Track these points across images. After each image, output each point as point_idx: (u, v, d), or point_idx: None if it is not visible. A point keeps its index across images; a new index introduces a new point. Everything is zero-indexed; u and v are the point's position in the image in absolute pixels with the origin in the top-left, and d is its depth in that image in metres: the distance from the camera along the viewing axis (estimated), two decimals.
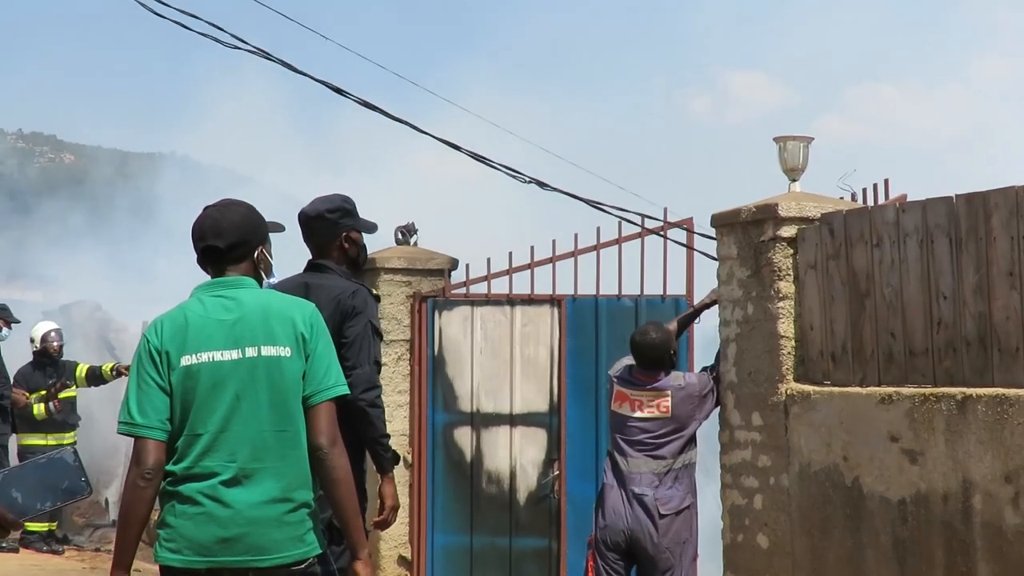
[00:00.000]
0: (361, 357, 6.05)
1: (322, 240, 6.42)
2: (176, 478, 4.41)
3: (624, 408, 8.16)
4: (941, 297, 6.76)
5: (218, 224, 4.61)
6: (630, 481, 8.04)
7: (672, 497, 8.04)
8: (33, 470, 4.02)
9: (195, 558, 4.39)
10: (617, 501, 8.06)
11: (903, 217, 7.02)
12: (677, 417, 8.10)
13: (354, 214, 6.50)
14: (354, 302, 6.10)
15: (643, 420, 8.10)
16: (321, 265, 6.37)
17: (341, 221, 6.42)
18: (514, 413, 10.51)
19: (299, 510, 4.45)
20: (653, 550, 8.01)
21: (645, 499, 8.00)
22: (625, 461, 8.08)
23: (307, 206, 6.49)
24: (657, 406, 8.06)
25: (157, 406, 4.42)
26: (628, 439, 8.11)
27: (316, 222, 6.42)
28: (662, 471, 8.06)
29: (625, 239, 10.28)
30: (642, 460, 8.05)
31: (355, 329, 6.06)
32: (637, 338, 8.23)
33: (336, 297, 6.08)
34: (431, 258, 10.80)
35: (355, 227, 6.47)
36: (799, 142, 8.64)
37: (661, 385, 8.14)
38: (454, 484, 10.52)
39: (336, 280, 6.25)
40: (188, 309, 4.54)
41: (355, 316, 6.09)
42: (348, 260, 6.43)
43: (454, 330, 10.58)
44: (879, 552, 6.91)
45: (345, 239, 6.42)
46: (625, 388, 8.19)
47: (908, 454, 6.71)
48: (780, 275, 7.70)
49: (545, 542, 10.43)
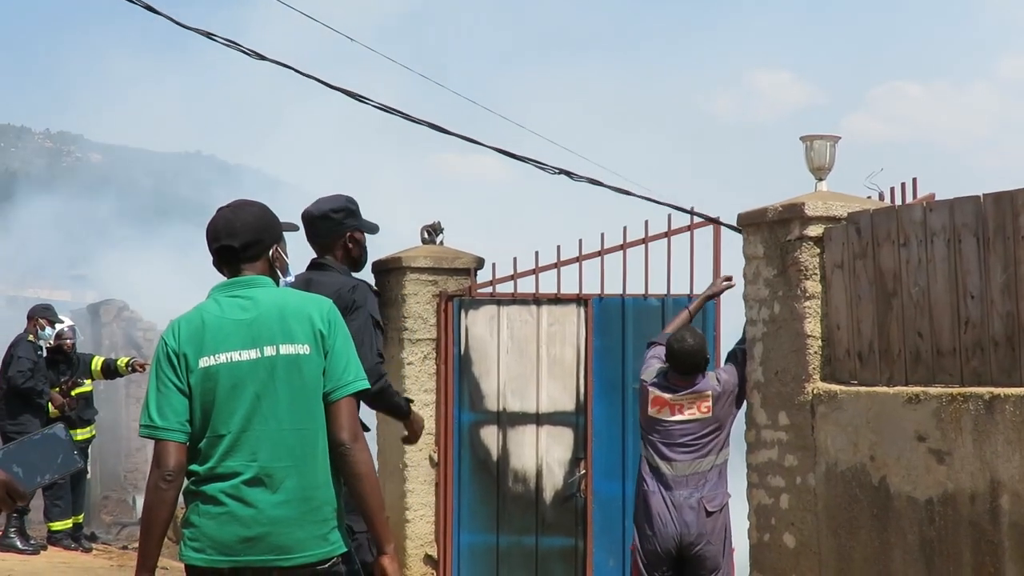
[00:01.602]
0: (363, 351, 6.09)
1: (326, 239, 6.57)
2: (199, 478, 4.43)
3: (664, 413, 8.11)
4: (968, 296, 6.73)
5: (231, 224, 4.63)
6: (676, 485, 7.99)
7: (716, 495, 8.05)
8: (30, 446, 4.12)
9: (219, 557, 4.40)
10: (663, 507, 8.01)
11: (930, 216, 6.99)
12: (717, 416, 8.12)
13: (357, 214, 6.66)
14: (354, 296, 6.26)
15: (685, 423, 8.06)
16: (322, 263, 6.52)
17: (345, 221, 6.58)
18: (540, 412, 10.50)
19: (322, 508, 4.46)
20: (703, 550, 7.98)
21: (693, 500, 7.97)
22: (669, 465, 8.02)
23: (311, 205, 6.63)
24: (698, 407, 8.02)
25: (176, 408, 4.43)
26: (671, 443, 8.07)
27: (321, 222, 6.56)
28: (706, 470, 8.06)
29: (651, 238, 10.27)
30: (688, 462, 8.00)
31: (356, 324, 6.10)
32: (675, 346, 8.19)
33: (336, 291, 6.13)
34: (457, 257, 10.80)
35: (359, 227, 6.63)
36: (826, 141, 8.63)
37: (701, 387, 8.13)
38: (480, 483, 10.52)
39: (336, 276, 6.40)
40: (205, 310, 4.55)
41: (355, 311, 6.20)
42: (350, 260, 6.60)
43: (480, 329, 10.57)
44: (906, 552, 6.88)
45: (349, 239, 6.58)
46: (664, 393, 8.15)
47: (935, 454, 6.68)
48: (807, 274, 7.68)
49: (571, 541, 10.42)
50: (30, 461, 4.08)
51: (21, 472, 4.01)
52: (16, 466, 4.01)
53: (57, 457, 4.16)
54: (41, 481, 4.18)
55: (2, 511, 3.29)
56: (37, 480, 4.14)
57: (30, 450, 4.12)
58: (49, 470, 4.15)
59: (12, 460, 4.04)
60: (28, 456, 4.09)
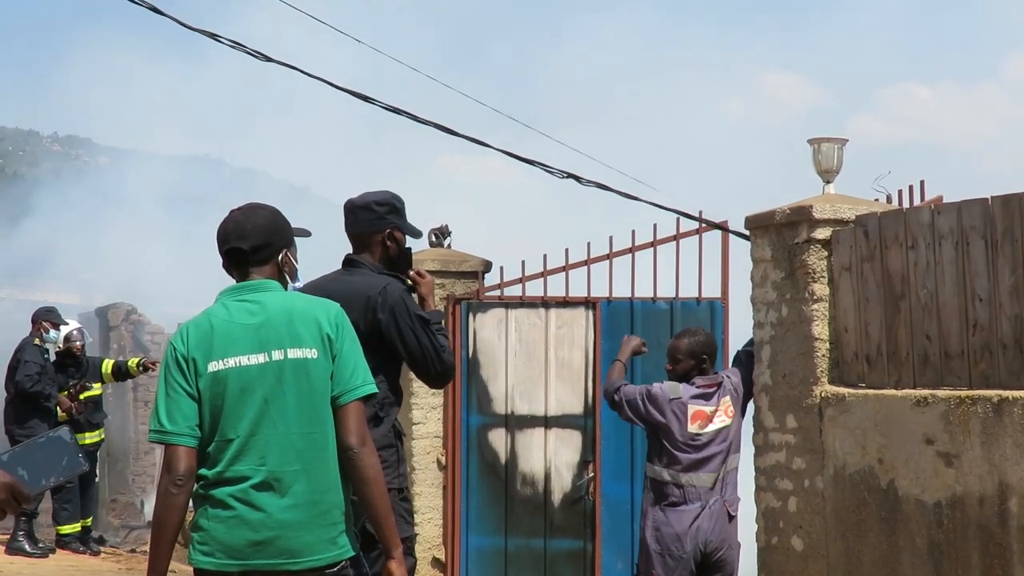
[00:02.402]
0: (423, 340, 5.98)
1: (364, 230, 6.22)
2: (208, 482, 4.43)
3: (696, 426, 7.82)
4: (977, 299, 6.73)
5: (242, 227, 4.62)
6: (705, 495, 7.77)
7: (735, 499, 7.92)
8: (36, 449, 4.13)
9: (227, 561, 4.40)
10: (685, 524, 7.74)
11: (938, 219, 6.99)
12: (737, 418, 8.04)
13: (402, 213, 6.30)
14: (385, 298, 5.93)
15: (717, 431, 7.86)
16: (355, 261, 6.19)
17: (387, 216, 6.22)
18: (548, 415, 10.52)
19: (331, 512, 4.46)
20: (724, 555, 7.80)
21: (716, 506, 7.76)
22: (699, 477, 7.79)
23: (356, 196, 6.30)
24: (726, 411, 7.90)
25: (186, 413, 4.43)
26: (702, 457, 7.77)
27: (362, 211, 6.21)
28: (726, 475, 7.89)
29: (660, 242, 10.28)
30: (716, 471, 7.78)
31: (407, 330, 5.94)
32: (702, 338, 8.02)
33: (366, 295, 5.93)
34: (464, 260, 10.82)
35: (400, 227, 6.26)
36: (833, 144, 8.62)
37: (723, 390, 7.93)
38: (488, 486, 10.53)
39: (366, 277, 6.08)
40: (213, 315, 4.55)
41: (389, 311, 5.92)
42: (387, 259, 6.23)
43: (488, 332, 10.59)
44: (914, 555, 6.88)
45: (388, 236, 6.22)
46: (703, 406, 7.88)
47: (944, 457, 6.68)
48: (814, 277, 7.68)
49: (580, 544, 10.43)
50: (35, 464, 4.09)
51: (26, 475, 4.02)
52: (21, 469, 4.02)
53: (62, 460, 4.17)
54: (46, 484, 4.20)
55: (7, 513, 3.30)
56: (42, 483, 4.15)
57: (35, 453, 4.13)
58: (54, 473, 4.16)
59: (17, 463, 4.05)
60: (33, 459, 4.10)
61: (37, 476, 4.09)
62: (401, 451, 6.09)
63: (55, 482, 4.23)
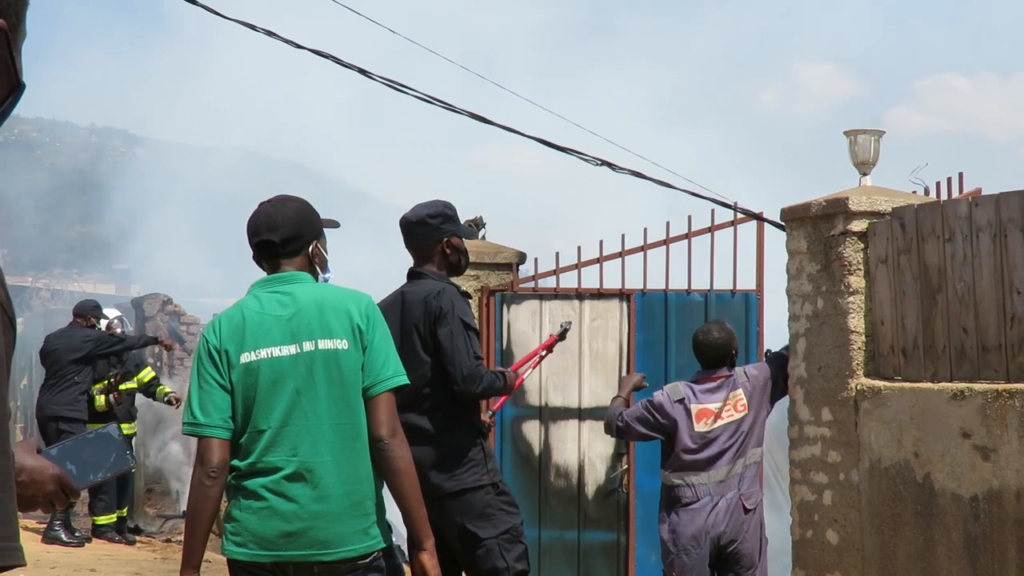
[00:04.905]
0: (457, 357, 6.09)
1: (422, 244, 6.46)
2: (241, 473, 4.44)
3: (702, 424, 7.79)
4: (1015, 292, 6.69)
5: (272, 219, 4.64)
6: (716, 492, 7.76)
7: (753, 492, 7.87)
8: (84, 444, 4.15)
9: (260, 552, 4.42)
10: (699, 521, 7.73)
11: (976, 211, 6.95)
12: (753, 413, 7.99)
13: (455, 220, 6.54)
14: (440, 303, 6.15)
15: (726, 425, 7.85)
16: (419, 273, 6.43)
17: (442, 227, 6.45)
18: (583, 407, 10.51)
19: (363, 503, 4.46)
20: (739, 548, 7.79)
21: (731, 498, 7.75)
22: (708, 475, 7.77)
23: (409, 211, 6.52)
24: (735, 406, 7.86)
25: (219, 405, 4.45)
26: (712, 454, 7.77)
27: (418, 227, 6.45)
28: (743, 468, 7.86)
29: (694, 233, 10.25)
30: (727, 466, 7.77)
31: (445, 330, 6.11)
32: (700, 337, 8.03)
33: (424, 299, 6.16)
34: (499, 252, 10.80)
35: (456, 233, 6.49)
36: (870, 135, 8.58)
37: (732, 384, 7.92)
38: (522, 478, 10.52)
39: (426, 284, 6.30)
40: (245, 306, 4.56)
41: (442, 317, 6.13)
42: (449, 265, 6.47)
43: (522, 324, 10.58)
44: (950, 549, 6.84)
45: (447, 244, 6.45)
46: (708, 403, 7.87)
47: (980, 450, 6.64)
48: (850, 270, 7.65)
49: (613, 536, 10.42)
50: (83, 459, 4.10)
51: (74, 469, 4.04)
52: (69, 463, 4.04)
53: (110, 456, 4.18)
54: (93, 479, 4.21)
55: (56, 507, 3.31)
56: (89, 478, 4.17)
57: (84, 448, 4.15)
58: (102, 469, 4.17)
59: (66, 457, 4.07)
60: (81, 454, 4.12)
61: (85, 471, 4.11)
62: (487, 447, 6.32)
63: (103, 478, 4.25)
